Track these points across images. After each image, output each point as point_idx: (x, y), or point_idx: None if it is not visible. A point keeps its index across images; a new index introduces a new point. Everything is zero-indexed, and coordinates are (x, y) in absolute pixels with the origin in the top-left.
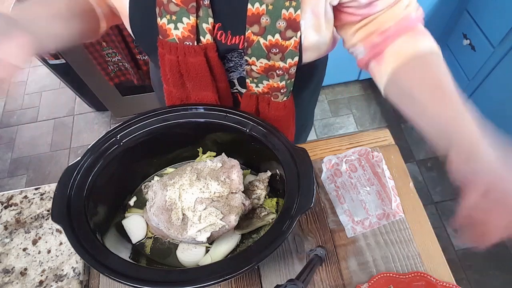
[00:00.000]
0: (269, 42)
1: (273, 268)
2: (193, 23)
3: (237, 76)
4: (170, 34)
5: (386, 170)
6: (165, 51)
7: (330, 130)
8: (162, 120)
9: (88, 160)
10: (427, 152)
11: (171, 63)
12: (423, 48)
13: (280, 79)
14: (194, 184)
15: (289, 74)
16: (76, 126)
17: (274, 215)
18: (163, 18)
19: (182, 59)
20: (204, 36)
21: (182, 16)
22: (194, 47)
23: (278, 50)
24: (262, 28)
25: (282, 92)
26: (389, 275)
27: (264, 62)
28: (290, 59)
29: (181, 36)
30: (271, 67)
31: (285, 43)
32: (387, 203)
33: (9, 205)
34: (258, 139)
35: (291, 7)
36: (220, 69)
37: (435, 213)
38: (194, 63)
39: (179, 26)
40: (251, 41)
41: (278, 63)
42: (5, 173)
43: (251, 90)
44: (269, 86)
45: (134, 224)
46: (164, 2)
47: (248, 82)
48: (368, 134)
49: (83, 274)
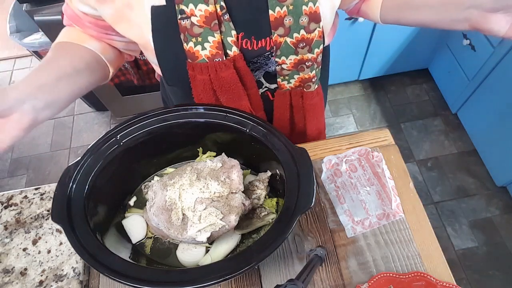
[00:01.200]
0: (296, 39)
1: (273, 268)
2: (219, 40)
3: (262, 74)
4: (199, 55)
5: (386, 170)
6: (195, 72)
7: (330, 130)
8: (162, 120)
9: (88, 160)
10: (427, 152)
11: (204, 83)
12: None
13: (310, 70)
14: (194, 184)
15: (317, 63)
16: (76, 126)
17: (274, 215)
18: (189, 42)
19: (214, 76)
20: (231, 49)
21: (207, 36)
22: (224, 61)
23: (305, 44)
24: (287, 28)
25: (313, 81)
26: (389, 275)
27: (294, 58)
28: (317, 48)
29: (210, 55)
30: (300, 61)
31: (311, 35)
32: (387, 203)
33: (9, 205)
34: (258, 139)
35: (310, 2)
36: (249, 76)
37: (435, 213)
38: (225, 77)
39: (206, 46)
40: (279, 43)
41: (306, 56)
42: (5, 173)
43: (283, 88)
44: (300, 79)
45: (134, 224)
46: (188, 27)
47: (280, 80)
48: (368, 134)
49: (83, 274)
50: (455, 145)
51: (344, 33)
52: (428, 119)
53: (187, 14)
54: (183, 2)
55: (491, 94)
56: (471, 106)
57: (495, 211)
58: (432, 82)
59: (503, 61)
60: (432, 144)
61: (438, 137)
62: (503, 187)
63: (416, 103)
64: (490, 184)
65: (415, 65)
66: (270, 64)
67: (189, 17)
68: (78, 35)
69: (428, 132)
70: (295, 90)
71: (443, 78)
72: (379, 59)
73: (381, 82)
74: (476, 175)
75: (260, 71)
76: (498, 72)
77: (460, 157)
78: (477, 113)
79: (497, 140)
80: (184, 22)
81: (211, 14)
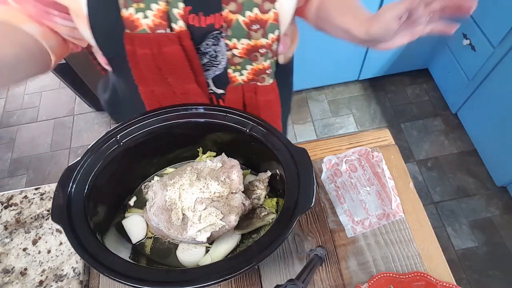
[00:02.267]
0: (249, 19)
1: (273, 268)
2: (164, 9)
3: (212, 76)
4: (139, 24)
5: (386, 170)
6: (135, 46)
7: (330, 130)
8: (162, 120)
9: (88, 160)
10: (427, 152)
11: (145, 59)
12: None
13: (264, 59)
14: (194, 184)
15: (272, 52)
16: (76, 126)
17: (274, 215)
18: (129, 8)
19: (156, 51)
20: (176, 22)
21: (150, 2)
22: (168, 34)
23: (259, 26)
24: (239, 4)
25: (268, 73)
26: (389, 275)
27: (246, 43)
28: (271, 33)
29: (152, 24)
30: (254, 47)
31: (265, 16)
32: (387, 203)
33: (9, 205)
34: (258, 139)
35: None
36: (196, 61)
37: (435, 213)
38: (170, 53)
39: (149, 14)
40: (230, 20)
41: (260, 41)
42: (5, 173)
43: (235, 82)
44: (254, 71)
45: (134, 224)
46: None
47: (231, 72)
48: (368, 134)
49: (83, 274)
50: (455, 145)
51: None
52: (428, 119)
53: None
54: None
55: (491, 94)
56: (471, 106)
57: (495, 211)
58: (432, 82)
59: (503, 61)
60: (432, 144)
61: (438, 137)
62: (503, 187)
63: (416, 103)
64: (490, 184)
65: (415, 65)
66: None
67: None
68: (14, 14)
69: (428, 132)
70: (248, 85)
71: (443, 78)
72: (379, 59)
73: (381, 82)
74: (476, 175)
75: (210, 72)
76: (498, 72)
77: (460, 157)
78: (477, 113)
79: (497, 140)
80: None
81: None
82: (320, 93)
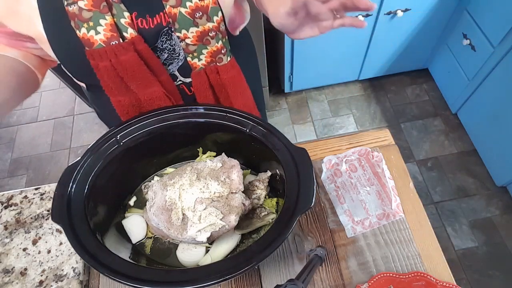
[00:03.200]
0: (190, 8)
1: (273, 268)
2: (111, 22)
3: (177, 67)
4: (95, 41)
5: (386, 170)
6: (96, 61)
7: (330, 130)
8: (162, 120)
9: (88, 160)
10: (427, 152)
11: (107, 70)
12: None
13: (216, 41)
14: (194, 184)
15: (221, 32)
16: (76, 126)
17: (274, 215)
18: (82, 28)
19: (115, 61)
20: (127, 31)
21: (98, 19)
22: (122, 44)
23: (201, 12)
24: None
25: (223, 53)
26: (389, 275)
27: (195, 30)
28: (215, 16)
29: (105, 38)
30: (203, 32)
31: (204, 2)
32: (387, 203)
33: (9, 205)
34: (258, 139)
35: None
36: (155, 60)
37: (435, 213)
38: (127, 60)
39: (100, 30)
40: (174, 14)
41: (207, 25)
42: (5, 173)
43: (197, 67)
44: (210, 54)
45: (134, 224)
46: (76, 13)
47: (190, 60)
48: (368, 134)
49: (83, 274)
50: (455, 145)
51: (344, 33)
52: (428, 119)
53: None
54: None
55: (491, 94)
56: (471, 106)
57: (495, 211)
58: (432, 82)
59: (503, 61)
60: (432, 144)
61: (438, 137)
62: (503, 187)
63: (416, 103)
64: (490, 184)
65: (415, 65)
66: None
67: (76, 2)
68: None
69: (428, 132)
70: (209, 67)
71: (443, 78)
72: (379, 59)
73: (381, 82)
74: (476, 175)
75: (173, 65)
76: (498, 72)
77: (460, 157)
78: (477, 113)
79: (497, 140)
80: (72, 8)
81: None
82: (320, 93)
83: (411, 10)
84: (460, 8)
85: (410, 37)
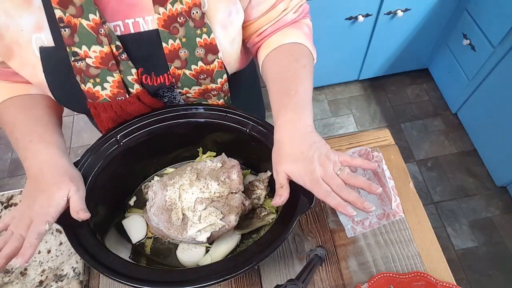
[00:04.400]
0: (195, 71)
1: (273, 268)
2: (119, 79)
3: None
4: (100, 95)
5: (386, 170)
6: (99, 111)
7: (330, 130)
8: (162, 120)
9: (88, 160)
10: (427, 152)
11: (110, 118)
12: (287, 41)
13: (217, 98)
14: (194, 184)
15: (223, 92)
16: (76, 126)
17: (274, 215)
18: (87, 83)
19: (120, 112)
20: (132, 87)
21: (105, 76)
22: (127, 99)
23: (205, 75)
24: (183, 61)
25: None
26: (389, 275)
27: (197, 89)
28: (220, 78)
29: (111, 94)
30: (205, 90)
31: (210, 67)
32: (387, 203)
33: (9, 205)
34: (258, 139)
35: (204, 34)
36: (158, 104)
37: (435, 213)
38: (133, 110)
39: (106, 86)
40: (177, 75)
41: (210, 86)
42: (5, 173)
43: None
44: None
45: (134, 224)
46: (83, 69)
47: None
48: (368, 134)
49: (83, 274)
50: (455, 145)
51: (344, 33)
52: (428, 119)
53: (81, 56)
54: (75, 44)
55: (491, 94)
56: (471, 106)
57: (495, 211)
58: (432, 82)
59: (503, 61)
60: (432, 144)
61: (438, 137)
62: (503, 187)
63: (416, 103)
64: (490, 184)
65: (415, 65)
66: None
67: (84, 58)
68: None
69: (428, 132)
70: None
71: (443, 78)
72: (379, 59)
73: (381, 82)
74: (476, 175)
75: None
76: (498, 72)
77: (460, 157)
78: (477, 113)
79: (497, 140)
80: (79, 64)
81: (107, 54)
82: (320, 93)
83: (411, 10)
84: (460, 8)
85: (410, 37)
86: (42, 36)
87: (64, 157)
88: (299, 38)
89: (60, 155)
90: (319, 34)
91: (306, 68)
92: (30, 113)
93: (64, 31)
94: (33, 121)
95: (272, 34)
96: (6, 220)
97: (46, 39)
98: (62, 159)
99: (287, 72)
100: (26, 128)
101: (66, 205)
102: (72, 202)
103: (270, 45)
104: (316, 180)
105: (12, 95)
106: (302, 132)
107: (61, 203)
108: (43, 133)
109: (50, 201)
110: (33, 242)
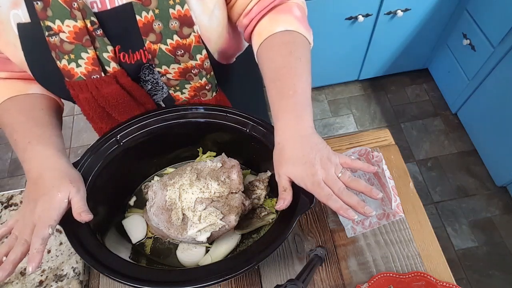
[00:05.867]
0: (171, 46)
1: (273, 268)
2: (93, 56)
3: (161, 98)
4: (75, 73)
5: (386, 170)
6: (76, 91)
7: (330, 130)
8: (162, 120)
9: (88, 160)
10: (427, 152)
11: (88, 101)
12: (278, 29)
13: (199, 77)
14: (194, 184)
15: (205, 69)
16: (76, 126)
17: (274, 215)
18: (62, 60)
19: (96, 93)
20: (109, 65)
21: (79, 52)
22: (103, 78)
23: (183, 51)
24: (158, 34)
25: (208, 89)
26: (389, 275)
27: (176, 67)
28: (199, 54)
29: (86, 71)
30: (185, 69)
31: (186, 41)
32: (387, 203)
33: (9, 205)
34: (258, 139)
35: (177, 4)
36: (139, 91)
37: (435, 213)
38: (109, 93)
39: (81, 63)
40: (153, 50)
41: (189, 63)
42: (5, 173)
43: (180, 99)
44: (193, 88)
45: (134, 224)
46: (58, 44)
47: (172, 92)
48: (368, 134)
49: (83, 274)
50: (455, 145)
51: (344, 33)
52: (428, 119)
53: (54, 30)
54: (48, 18)
55: (491, 94)
56: (471, 106)
57: (495, 211)
58: (432, 82)
59: (503, 61)
60: (432, 144)
61: (438, 137)
62: (503, 187)
63: (416, 103)
64: (490, 184)
65: (415, 65)
66: (160, 81)
67: (57, 33)
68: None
69: (428, 132)
70: (193, 100)
71: (443, 78)
72: (379, 59)
73: (381, 82)
74: (476, 175)
75: (158, 95)
76: (498, 72)
77: (460, 157)
78: (477, 113)
79: (497, 140)
80: (53, 39)
81: (81, 29)
82: (320, 93)
83: (411, 10)
84: (460, 8)
85: (410, 37)
86: (19, 12)
87: (63, 158)
88: (290, 24)
89: (59, 156)
90: (319, 34)
91: (302, 60)
92: (30, 114)
93: (37, 4)
94: (32, 122)
95: (261, 16)
96: (10, 223)
97: (22, 15)
98: (61, 160)
99: (283, 69)
100: (25, 129)
101: (68, 207)
102: (73, 204)
103: (262, 33)
104: (317, 183)
105: (12, 95)
106: (303, 134)
107: (62, 205)
108: (41, 134)
109: (51, 205)
110: (39, 248)
